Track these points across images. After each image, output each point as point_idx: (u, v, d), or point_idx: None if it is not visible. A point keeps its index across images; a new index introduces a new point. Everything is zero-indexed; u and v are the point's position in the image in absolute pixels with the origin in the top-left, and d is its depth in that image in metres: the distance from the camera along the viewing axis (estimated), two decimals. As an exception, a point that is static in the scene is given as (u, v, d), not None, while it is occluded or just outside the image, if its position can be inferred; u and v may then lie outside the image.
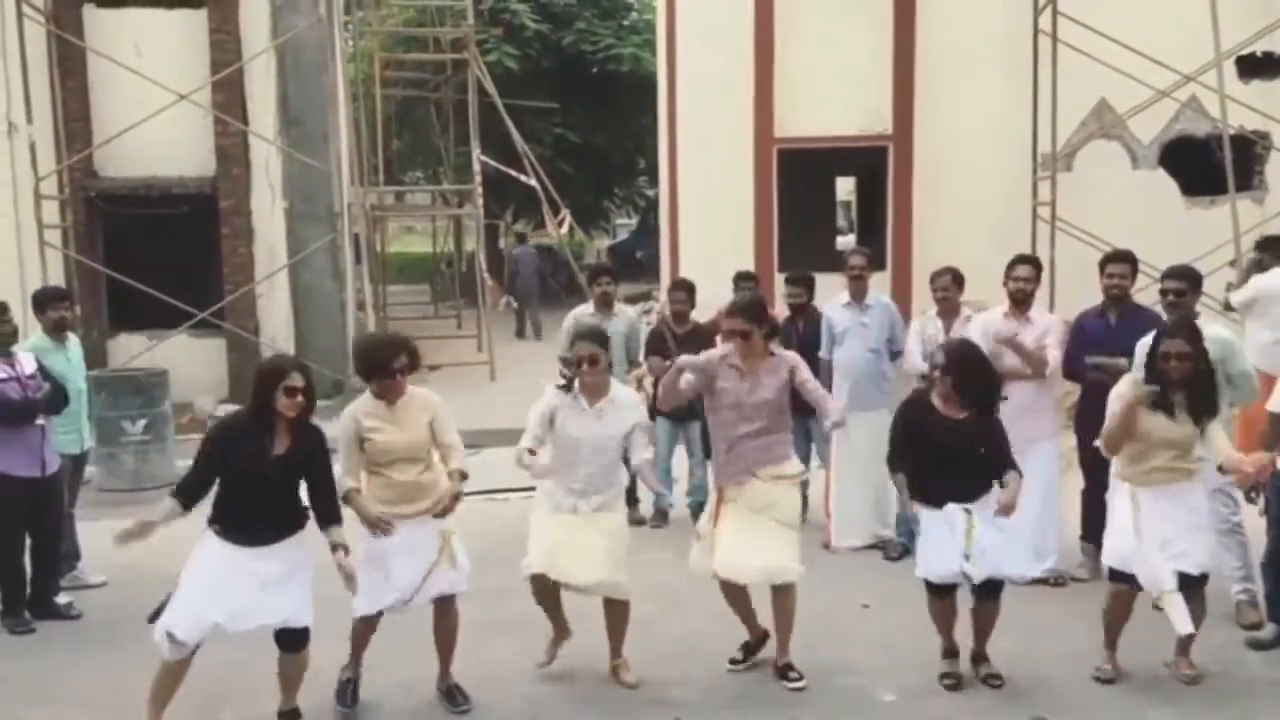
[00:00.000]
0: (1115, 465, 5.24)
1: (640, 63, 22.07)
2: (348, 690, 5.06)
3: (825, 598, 6.21)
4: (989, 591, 5.12)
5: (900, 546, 7.03)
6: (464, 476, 4.97)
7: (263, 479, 4.57)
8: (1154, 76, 11.37)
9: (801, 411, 7.58)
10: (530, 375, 8.26)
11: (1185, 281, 5.86)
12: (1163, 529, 5.01)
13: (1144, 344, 5.39)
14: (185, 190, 12.16)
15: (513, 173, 16.09)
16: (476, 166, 15.13)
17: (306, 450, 4.67)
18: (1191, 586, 5.07)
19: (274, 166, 12.36)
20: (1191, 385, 4.99)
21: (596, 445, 5.11)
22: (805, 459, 7.83)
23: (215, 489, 4.66)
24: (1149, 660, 5.30)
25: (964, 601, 5.26)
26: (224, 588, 4.53)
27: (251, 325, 12.22)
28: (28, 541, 6.17)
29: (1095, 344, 6.24)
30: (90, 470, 8.64)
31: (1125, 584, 5.14)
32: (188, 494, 4.60)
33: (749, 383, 5.17)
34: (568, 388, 5.17)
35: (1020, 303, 6.51)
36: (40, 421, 6.07)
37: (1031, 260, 6.79)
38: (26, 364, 6.15)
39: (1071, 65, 11.55)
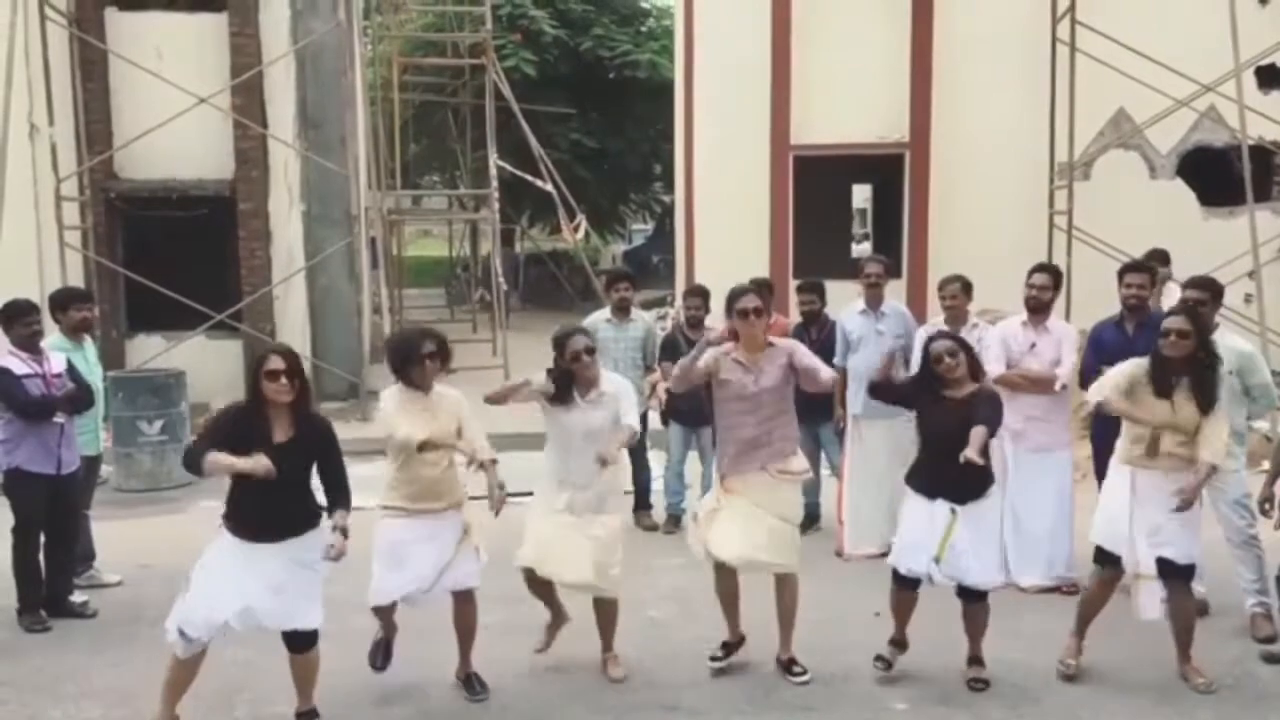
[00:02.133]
0: (1118, 449, 5.30)
1: (657, 69, 22.10)
2: (379, 651, 5.16)
3: (837, 605, 6.22)
4: (973, 595, 5.19)
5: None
6: (494, 462, 4.99)
7: (273, 480, 4.51)
8: (1172, 86, 11.33)
9: (811, 418, 7.62)
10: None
11: (1205, 292, 5.84)
12: (1154, 515, 5.08)
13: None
14: (204, 192, 12.23)
15: (529, 177, 16.12)
16: (493, 171, 15.17)
17: (309, 437, 4.63)
18: (1174, 579, 5.12)
19: (292, 170, 12.42)
20: (1192, 371, 5.04)
21: (588, 432, 5.15)
22: (815, 465, 7.85)
23: (227, 484, 4.65)
24: (1161, 673, 5.29)
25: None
26: (234, 586, 4.53)
27: (268, 327, 12.27)
28: (42, 540, 6.21)
29: (1112, 354, 6.21)
30: (107, 470, 8.72)
31: (1109, 566, 5.23)
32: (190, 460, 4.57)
33: (753, 373, 5.24)
34: (558, 398, 5.18)
35: (1037, 311, 6.49)
36: (60, 420, 6.12)
37: (1049, 269, 6.78)
38: (56, 363, 6.21)
39: (1089, 74, 11.52)
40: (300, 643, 4.74)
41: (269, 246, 12.40)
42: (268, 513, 4.56)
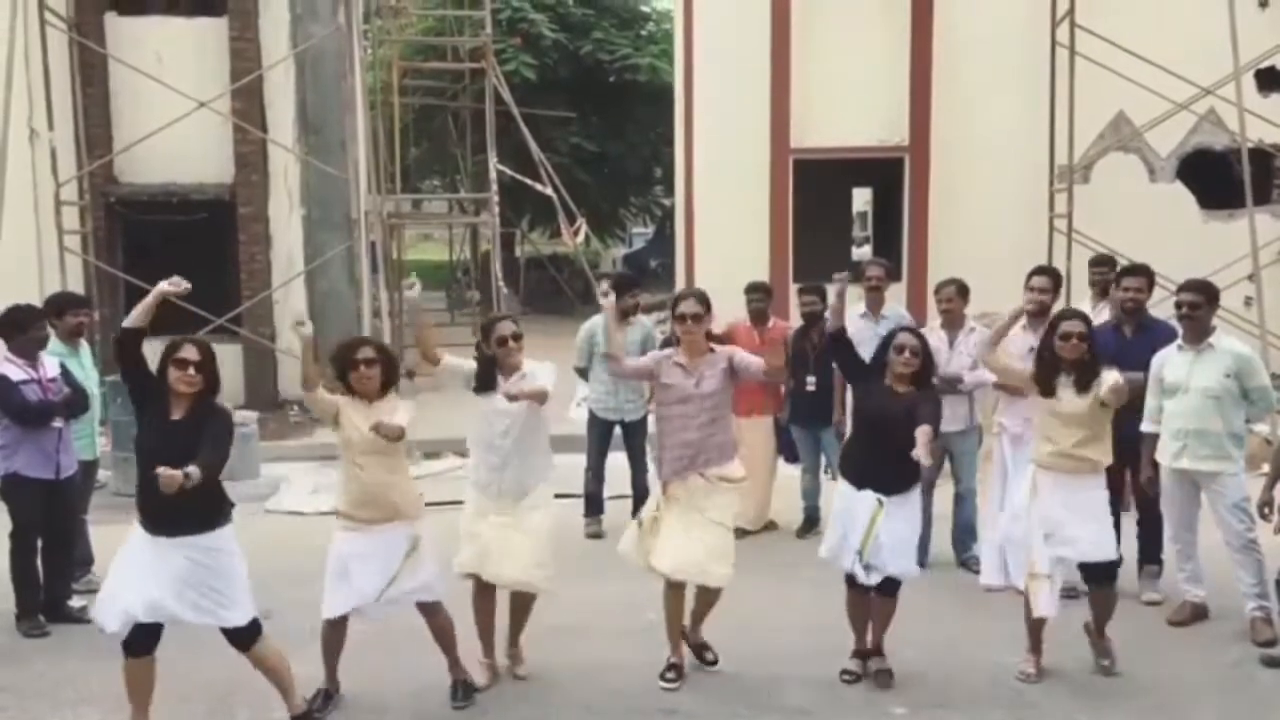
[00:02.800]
0: (1030, 450, 5.43)
1: (657, 72, 22.10)
2: (319, 697, 5.07)
3: (835, 609, 6.18)
4: (888, 587, 5.25)
5: (912, 559, 7.01)
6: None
7: (163, 452, 4.34)
8: (1172, 89, 11.33)
9: (812, 422, 7.62)
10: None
11: (1201, 295, 5.83)
12: (1052, 515, 5.17)
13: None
14: (204, 197, 12.24)
15: (529, 181, 16.13)
16: (493, 175, 15.17)
17: (203, 415, 4.55)
18: (1098, 580, 5.28)
19: (292, 174, 12.42)
20: (1079, 365, 5.17)
21: (511, 419, 5.16)
22: (816, 468, 7.85)
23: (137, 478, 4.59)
24: (1160, 677, 5.28)
25: (958, 595, 5.24)
26: (138, 578, 4.49)
27: (268, 331, 12.28)
28: (40, 545, 6.21)
29: (1109, 357, 6.21)
30: (105, 474, 8.70)
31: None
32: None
33: (694, 377, 5.30)
34: (483, 385, 5.22)
35: (1036, 315, 6.49)
36: (58, 425, 6.12)
37: (1049, 272, 6.80)
38: (50, 367, 6.21)
39: (1089, 78, 11.52)
40: (238, 640, 4.71)
41: (269, 250, 12.42)
42: (164, 503, 4.38)
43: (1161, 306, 7.08)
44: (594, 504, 7.98)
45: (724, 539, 5.31)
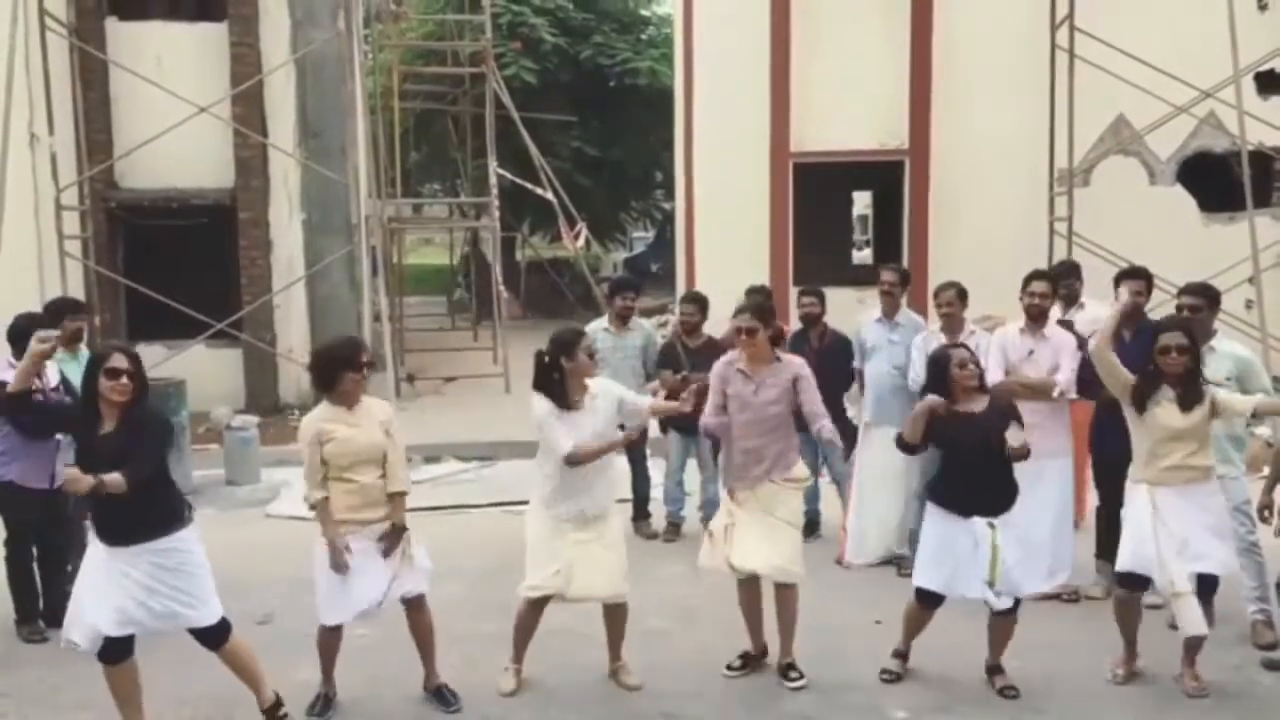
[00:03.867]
0: (1132, 470, 5.28)
1: (657, 76, 22.11)
2: (319, 702, 5.06)
3: (838, 613, 6.21)
4: (1008, 608, 5.15)
5: (914, 563, 7.00)
6: (403, 494, 4.98)
7: (98, 467, 4.35)
8: (1172, 92, 11.33)
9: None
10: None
11: (1202, 298, 5.83)
12: (1180, 530, 5.05)
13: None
14: (204, 201, 12.25)
15: (529, 185, 16.12)
16: (493, 179, 15.17)
17: (134, 422, 4.50)
18: (1204, 593, 5.14)
19: (292, 178, 12.43)
20: (1183, 379, 5.07)
21: (595, 434, 5.12)
22: (814, 472, 7.83)
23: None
24: (1162, 681, 5.27)
25: (960, 599, 5.24)
26: (104, 591, 4.48)
27: (269, 336, 12.28)
28: (36, 552, 6.19)
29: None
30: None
31: (1130, 589, 5.21)
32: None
33: (754, 384, 5.29)
34: (565, 403, 5.12)
35: (1036, 319, 6.49)
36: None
37: (1048, 275, 6.77)
38: (51, 375, 6.19)
39: (1089, 81, 11.52)
40: (207, 639, 4.71)
41: (269, 255, 12.42)
42: (122, 517, 4.44)
43: (1161, 309, 7.08)
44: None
45: (795, 540, 5.36)
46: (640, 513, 8.06)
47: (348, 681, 5.24)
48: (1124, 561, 5.21)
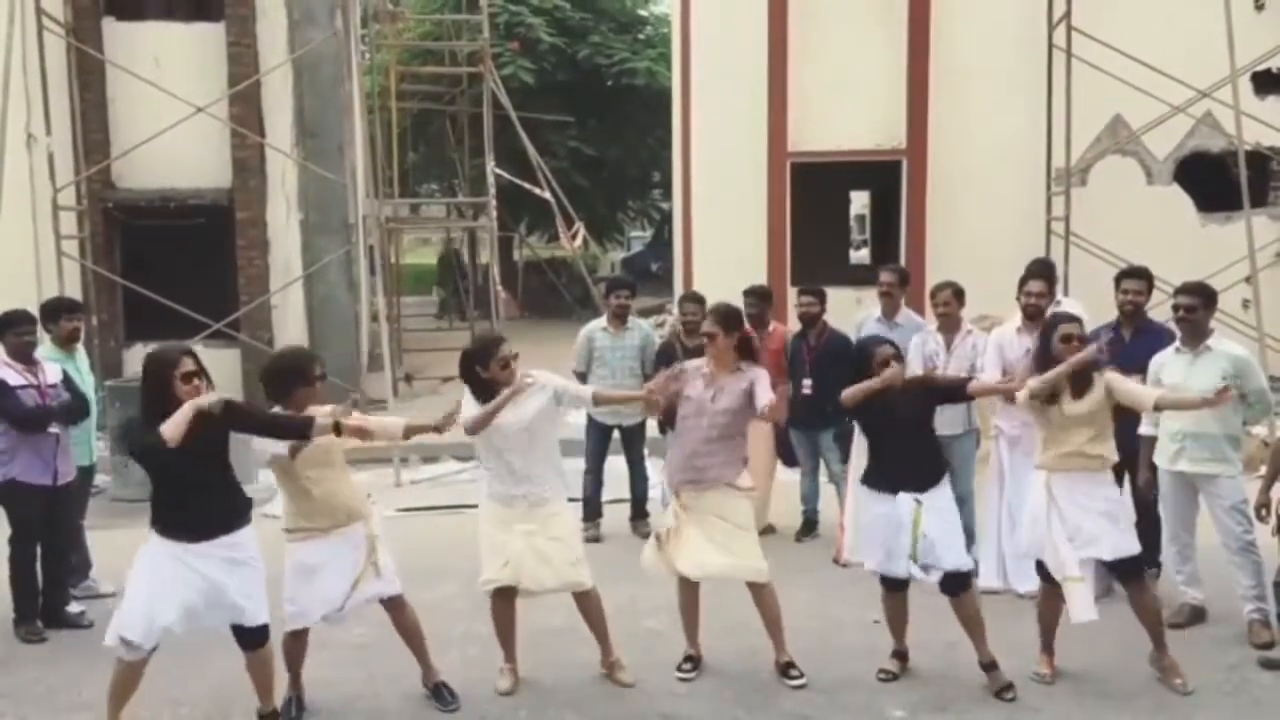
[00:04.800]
0: (1035, 456, 5.39)
1: (655, 76, 22.13)
2: (290, 706, 5.06)
3: (834, 612, 6.21)
4: (955, 584, 5.24)
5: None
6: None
7: (170, 469, 4.44)
8: (1169, 92, 11.34)
9: (810, 425, 7.61)
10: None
11: (1198, 298, 5.83)
12: (1073, 516, 5.15)
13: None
14: (202, 202, 12.24)
15: (527, 185, 16.12)
16: (491, 179, 15.17)
17: (208, 427, 4.47)
18: (1126, 576, 5.24)
19: (290, 179, 12.43)
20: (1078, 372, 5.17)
21: (522, 425, 5.15)
22: (814, 472, 7.85)
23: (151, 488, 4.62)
24: (1157, 681, 5.28)
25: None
26: (171, 588, 4.51)
27: (266, 336, 12.27)
28: (39, 550, 6.20)
29: (1108, 360, 6.21)
30: (104, 480, 8.70)
31: (1049, 581, 5.28)
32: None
33: (713, 390, 5.31)
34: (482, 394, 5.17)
35: (1032, 318, 6.49)
36: (55, 430, 6.11)
37: (1044, 275, 6.76)
38: (50, 373, 6.20)
39: (1086, 81, 11.53)
40: (250, 639, 4.73)
41: (267, 255, 12.41)
42: (192, 512, 4.52)
43: (1159, 309, 7.09)
44: (592, 508, 7.97)
45: (751, 539, 5.35)
46: (638, 512, 8.07)
47: (347, 680, 5.24)
48: (1026, 548, 5.41)
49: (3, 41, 10.08)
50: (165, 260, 11.99)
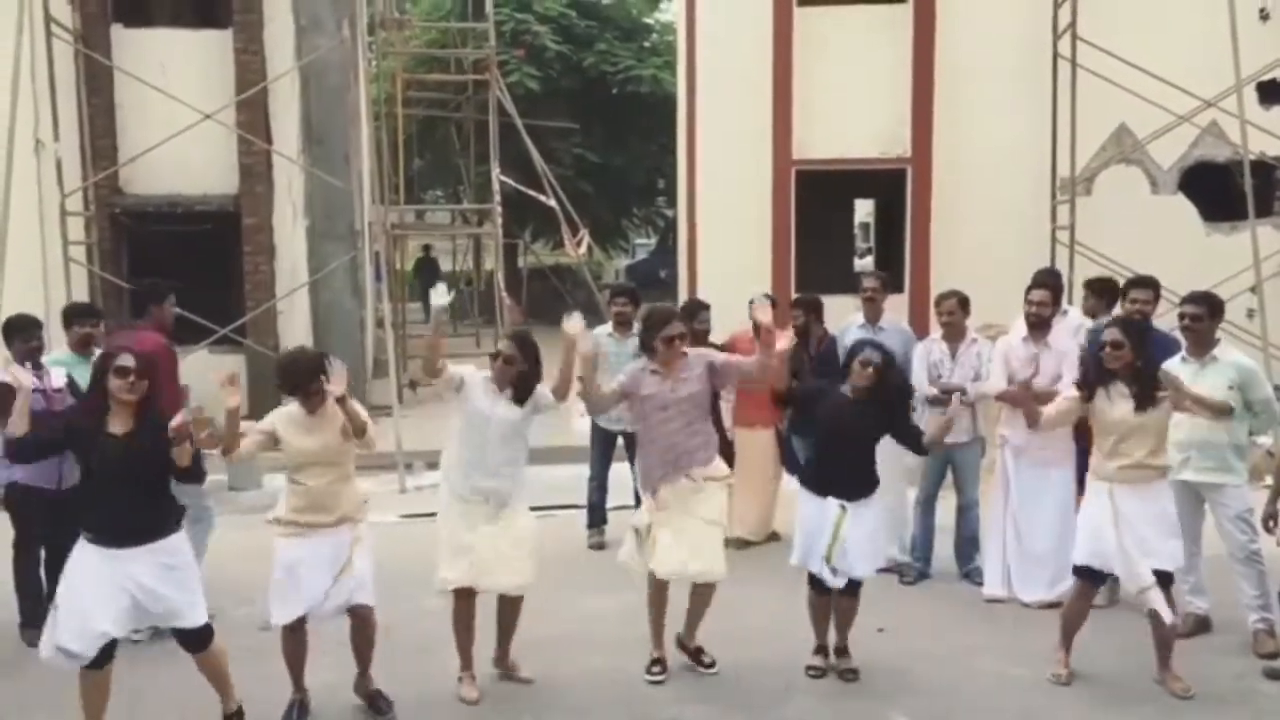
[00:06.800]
0: (1091, 464, 5.40)
1: (660, 84, 22.15)
2: (293, 711, 5.08)
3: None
4: (850, 587, 5.40)
5: (916, 570, 7.02)
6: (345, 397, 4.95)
7: (108, 466, 4.47)
8: (1174, 101, 11.35)
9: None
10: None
11: (1204, 307, 5.84)
12: (1138, 527, 5.18)
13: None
14: (208, 208, 12.27)
15: (532, 192, 16.15)
16: (496, 186, 15.21)
17: (153, 428, 4.52)
18: (1160, 586, 5.22)
19: (296, 185, 12.46)
20: (1131, 375, 5.20)
21: (506, 427, 5.22)
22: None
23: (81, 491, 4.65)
24: (1161, 687, 5.28)
25: (961, 607, 5.24)
26: (104, 594, 4.48)
27: (272, 342, 12.29)
28: (43, 554, 6.21)
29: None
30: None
31: (1090, 581, 5.37)
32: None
33: (670, 382, 5.40)
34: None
35: (1035, 327, 6.50)
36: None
37: (1049, 284, 6.76)
38: (56, 377, 6.21)
39: (1091, 89, 11.54)
40: (192, 640, 4.74)
41: (273, 261, 12.44)
42: (121, 515, 4.49)
43: (1165, 319, 7.09)
44: (596, 515, 7.97)
45: (716, 536, 5.44)
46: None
47: (345, 680, 5.24)
48: (1080, 555, 5.38)
49: (11, 48, 10.13)
50: (172, 266, 11.98)
